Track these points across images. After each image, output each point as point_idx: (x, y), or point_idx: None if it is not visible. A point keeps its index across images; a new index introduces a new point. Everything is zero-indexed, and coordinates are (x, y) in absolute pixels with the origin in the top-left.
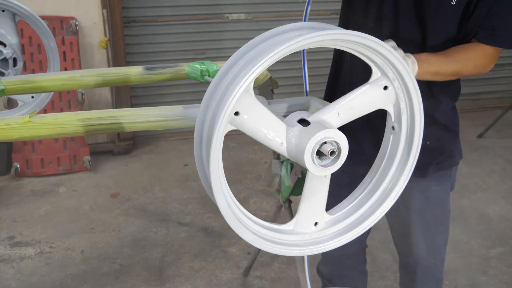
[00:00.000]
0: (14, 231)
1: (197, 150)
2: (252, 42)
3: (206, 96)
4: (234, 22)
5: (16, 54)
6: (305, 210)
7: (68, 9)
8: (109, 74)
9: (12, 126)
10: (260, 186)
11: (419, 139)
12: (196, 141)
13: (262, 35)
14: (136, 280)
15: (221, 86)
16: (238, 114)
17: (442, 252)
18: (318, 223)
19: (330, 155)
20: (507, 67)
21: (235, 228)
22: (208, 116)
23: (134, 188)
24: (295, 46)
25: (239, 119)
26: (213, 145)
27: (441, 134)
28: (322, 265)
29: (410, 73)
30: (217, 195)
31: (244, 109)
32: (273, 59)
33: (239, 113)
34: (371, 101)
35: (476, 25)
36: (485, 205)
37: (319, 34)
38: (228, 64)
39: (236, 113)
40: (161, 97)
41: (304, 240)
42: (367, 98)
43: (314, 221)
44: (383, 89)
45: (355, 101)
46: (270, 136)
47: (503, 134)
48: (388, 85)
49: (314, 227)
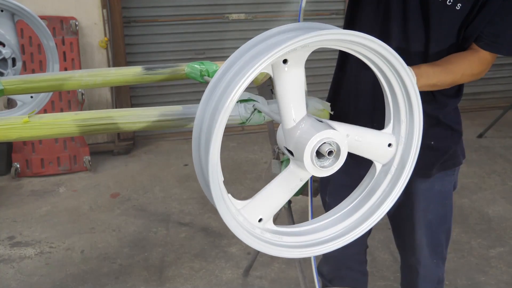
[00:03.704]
0: (14, 231)
1: (195, 152)
2: (251, 42)
3: (204, 96)
4: (234, 22)
5: (15, 54)
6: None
7: (68, 9)
8: (109, 74)
9: (11, 126)
10: (260, 186)
11: (418, 141)
12: (194, 144)
13: (261, 35)
14: (136, 280)
15: (220, 86)
16: (261, 220)
17: (444, 252)
18: (391, 143)
19: (328, 155)
20: (507, 67)
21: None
22: (206, 117)
23: (134, 188)
24: (292, 47)
25: (282, 67)
26: (211, 149)
27: (445, 134)
28: (323, 265)
29: (408, 72)
30: (217, 201)
31: (294, 62)
32: (269, 61)
33: (287, 61)
34: (373, 147)
35: (477, 31)
36: (485, 205)
37: (318, 33)
38: (223, 68)
39: (285, 60)
40: (161, 97)
41: (304, 242)
42: (287, 86)
43: (387, 144)
44: (284, 65)
45: (285, 100)
46: (290, 190)
47: (503, 134)
48: (393, 143)
49: (391, 148)
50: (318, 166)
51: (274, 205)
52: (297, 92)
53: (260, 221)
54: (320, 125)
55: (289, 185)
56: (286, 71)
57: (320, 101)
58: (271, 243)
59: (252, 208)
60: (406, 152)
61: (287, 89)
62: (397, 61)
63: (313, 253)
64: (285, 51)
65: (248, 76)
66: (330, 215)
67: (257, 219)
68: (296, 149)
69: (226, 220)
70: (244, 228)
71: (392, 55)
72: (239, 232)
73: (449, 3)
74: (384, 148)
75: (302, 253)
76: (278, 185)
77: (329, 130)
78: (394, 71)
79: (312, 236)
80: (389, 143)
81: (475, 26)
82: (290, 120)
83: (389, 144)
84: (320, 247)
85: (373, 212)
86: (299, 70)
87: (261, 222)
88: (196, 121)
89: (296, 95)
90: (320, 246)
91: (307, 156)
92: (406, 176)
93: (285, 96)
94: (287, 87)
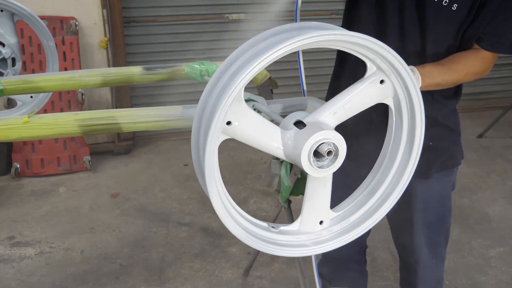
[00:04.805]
0: (14, 231)
1: (194, 154)
2: (250, 42)
3: (202, 97)
4: (233, 22)
5: (15, 54)
6: (309, 210)
7: (68, 9)
8: (109, 74)
9: (11, 126)
10: (260, 186)
11: (420, 140)
12: (193, 145)
13: (260, 35)
14: (136, 280)
15: (218, 86)
16: (230, 124)
17: (443, 252)
18: (324, 221)
19: (327, 155)
20: (507, 67)
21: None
22: (204, 119)
23: (134, 188)
24: (291, 47)
25: (231, 128)
26: (207, 148)
27: (444, 135)
28: (322, 265)
29: (407, 69)
30: (214, 200)
31: (236, 117)
32: (258, 68)
33: (231, 122)
34: (368, 96)
35: (478, 32)
36: (485, 205)
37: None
38: (222, 68)
39: (228, 122)
40: (161, 97)
41: (303, 241)
42: (364, 95)
43: (319, 220)
44: (379, 83)
45: (351, 98)
46: (265, 142)
47: (503, 134)
48: (385, 79)
49: (320, 225)
50: (314, 165)
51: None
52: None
53: (228, 123)
54: (303, 133)
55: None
56: (238, 126)
57: (319, 101)
58: (271, 243)
59: (238, 108)
60: (407, 153)
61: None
62: (398, 63)
63: (313, 252)
64: (284, 51)
65: (246, 75)
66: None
67: (229, 119)
68: (310, 125)
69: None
70: (236, 221)
71: (392, 55)
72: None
73: (445, 3)
74: (378, 86)
75: (301, 253)
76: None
77: (316, 134)
78: (395, 71)
79: (312, 236)
80: (380, 80)
81: (475, 27)
82: (332, 110)
83: (381, 80)
84: (319, 246)
85: (372, 213)
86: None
87: (228, 125)
88: (195, 121)
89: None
90: (320, 245)
91: (309, 144)
92: (407, 177)
93: (356, 95)
94: (366, 94)
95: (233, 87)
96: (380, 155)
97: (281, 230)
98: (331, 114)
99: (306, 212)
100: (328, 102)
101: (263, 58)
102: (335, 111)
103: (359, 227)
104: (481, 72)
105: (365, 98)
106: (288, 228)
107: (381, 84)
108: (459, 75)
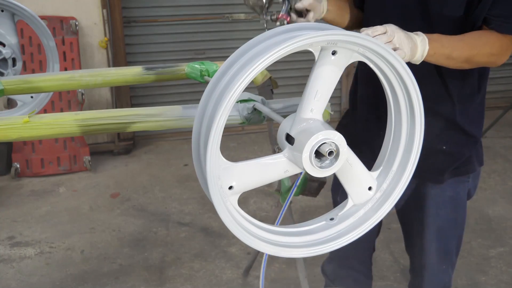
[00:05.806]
0: (14, 231)
1: (195, 155)
2: (251, 42)
3: (203, 97)
4: (234, 22)
5: (15, 54)
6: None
7: (68, 9)
8: (109, 74)
9: (11, 126)
10: (260, 186)
11: (419, 141)
12: (194, 146)
13: (261, 35)
14: (136, 280)
15: (218, 86)
16: (232, 188)
17: (453, 258)
18: (371, 186)
19: (329, 155)
20: (507, 67)
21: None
22: (206, 118)
23: (134, 188)
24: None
25: (236, 188)
26: (209, 148)
27: (459, 139)
28: (327, 263)
29: (398, 58)
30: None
31: (232, 180)
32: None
33: (232, 186)
34: (329, 75)
35: (482, 14)
36: (485, 205)
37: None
38: (223, 68)
39: (230, 187)
40: (161, 97)
41: (303, 242)
42: (323, 77)
43: (367, 187)
44: (332, 56)
45: (315, 88)
46: (272, 176)
47: (503, 134)
48: (373, 188)
49: (370, 191)
50: (316, 165)
51: (249, 180)
52: (328, 88)
53: (230, 188)
54: (330, 127)
55: (272, 171)
56: (330, 62)
57: None
58: (271, 243)
59: (230, 171)
60: (406, 156)
61: (323, 78)
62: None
63: (313, 252)
64: (284, 52)
65: (247, 76)
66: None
67: (229, 184)
68: (299, 137)
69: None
70: (242, 226)
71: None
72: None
73: None
74: (364, 188)
75: (301, 253)
76: (264, 164)
77: (336, 132)
78: (394, 71)
79: (311, 237)
80: (369, 186)
81: (481, 9)
82: (308, 109)
83: (370, 187)
84: (319, 247)
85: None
86: (338, 69)
87: (230, 190)
88: (196, 120)
89: (326, 89)
90: (319, 246)
91: (307, 150)
92: (406, 180)
93: (317, 84)
94: (324, 76)
95: (235, 87)
96: (380, 156)
97: (341, 216)
98: (310, 112)
99: (351, 190)
100: (298, 107)
101: (264, 58)
102: (311, 108)
103: (362, 226)
104: (497, 54)
105: (327, 78)
106: (346, 210)
107: (334, 55)
108: (472, 50)
